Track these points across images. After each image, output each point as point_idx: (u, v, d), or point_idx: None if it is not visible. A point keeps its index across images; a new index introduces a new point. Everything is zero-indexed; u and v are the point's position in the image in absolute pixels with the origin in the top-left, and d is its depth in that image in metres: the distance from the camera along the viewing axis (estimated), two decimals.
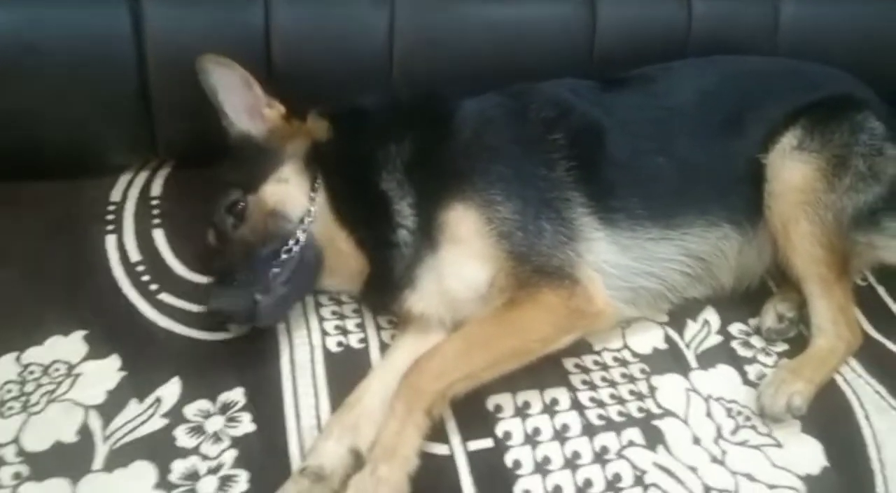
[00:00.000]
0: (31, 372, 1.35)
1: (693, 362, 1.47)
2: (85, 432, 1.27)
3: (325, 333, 1.46)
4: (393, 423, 1.25)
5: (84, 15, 1.56)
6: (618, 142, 1.53)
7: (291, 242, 1.41)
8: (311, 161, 1.48)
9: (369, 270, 1.45)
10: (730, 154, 1.56)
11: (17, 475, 1.21)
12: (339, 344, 1.45)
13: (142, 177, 1.73)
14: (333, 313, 1.50)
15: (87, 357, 1.38)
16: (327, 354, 1.43)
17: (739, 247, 1.55)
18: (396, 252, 1.43)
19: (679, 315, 1.55)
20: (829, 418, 1.39)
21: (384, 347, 1.45)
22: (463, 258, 1.40)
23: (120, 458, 1.24)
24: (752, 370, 1.47)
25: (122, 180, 1.71)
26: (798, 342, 1.51)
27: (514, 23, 1.71)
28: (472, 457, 1.29)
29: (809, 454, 1.34)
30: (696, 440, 1.34)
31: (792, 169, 1.52)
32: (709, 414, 1.39)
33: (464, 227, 1.41)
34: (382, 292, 1.45)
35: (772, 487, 1.29)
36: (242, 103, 1.50)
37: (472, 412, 1.34)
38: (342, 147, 1.49)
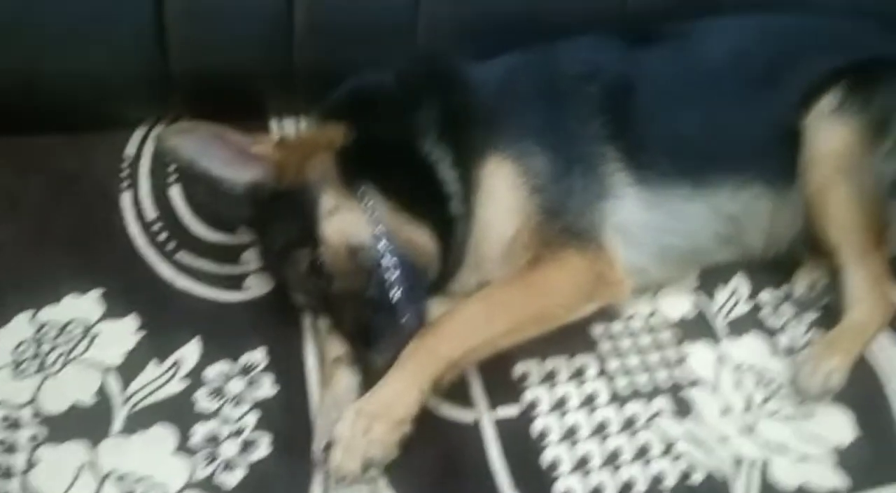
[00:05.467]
0: (47, 332, 1.32)
1: (723, 331, 1.44)
2: (103, 394, 1.25)
3: None
4: (398, 381, 1.21)
5: None
6: (645, 97, 1.48)
7: (384, 261, 1.29)
8: (346, 171, 1.34)
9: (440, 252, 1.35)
10: (764, 113, 1.50)
11: (33, 438, 1.19)
12: None
13: (156, 132, 1.66)
14: None
15: (105, 317, 1.35)
16: None
17: (772, 208, 1.50)
18: (453, 225, 1.36)
19: (709, 282, 1.51)
20: (860, 389, 1.35)
21: None
22: (496, 213, 1.36)
23: (139, 421, 1.22)
24: (783, 339, 1.43)
25: (136, 136, 1.65)
26: (830, 312, 1.47)
27: None
28: (499, 425, 1.26)
29: (840, 426, 1.31)
30: (727, 410, 1.32)
31: (830, 132, 1.45)
32: (739, 384, 1.36)
33: (497, 179, 1.36)
34: (449, 275, 1.38)
35: (802, 458, 1.26)
36: (228, 158, 1.32)
37: (499, 378, 1.31)
38: (370, 137, 1.36)
